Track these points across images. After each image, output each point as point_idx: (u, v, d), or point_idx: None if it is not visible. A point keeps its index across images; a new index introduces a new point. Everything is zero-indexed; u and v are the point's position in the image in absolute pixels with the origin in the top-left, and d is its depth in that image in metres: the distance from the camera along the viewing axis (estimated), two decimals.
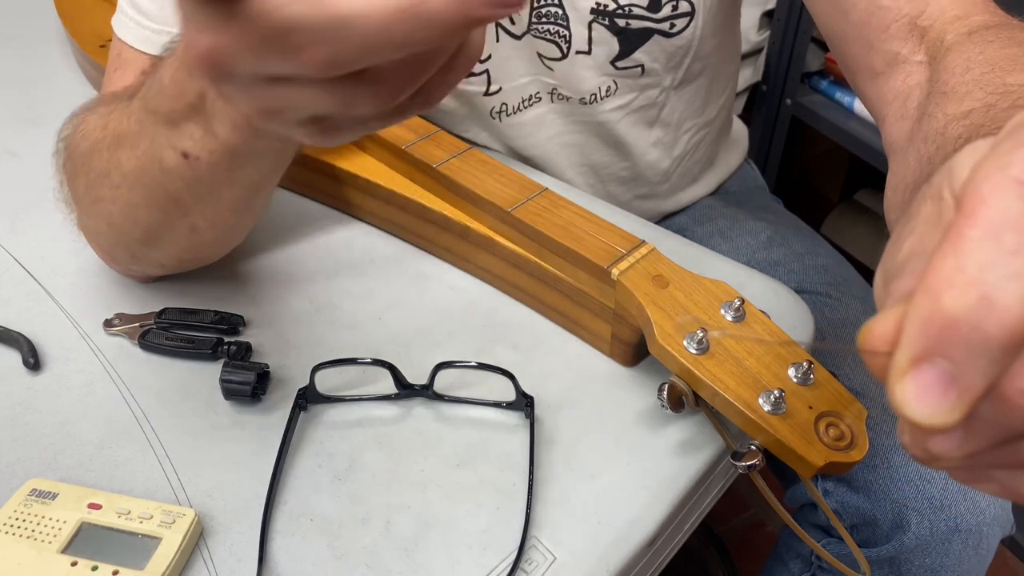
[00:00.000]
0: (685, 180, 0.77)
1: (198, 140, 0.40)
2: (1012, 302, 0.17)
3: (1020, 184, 0.18)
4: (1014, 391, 0.18)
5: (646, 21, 0.60)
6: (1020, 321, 0.17)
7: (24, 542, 0.39)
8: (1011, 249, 0.18)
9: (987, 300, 0.17)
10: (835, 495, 0.61)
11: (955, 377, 0.18)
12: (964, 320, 0.18)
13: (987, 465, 0.21)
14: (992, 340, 0.18)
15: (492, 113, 0.65)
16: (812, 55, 1.30)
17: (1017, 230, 0.18)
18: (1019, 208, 0.18)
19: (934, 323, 0.18)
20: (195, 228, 0.47)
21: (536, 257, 0.51)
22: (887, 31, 0.45)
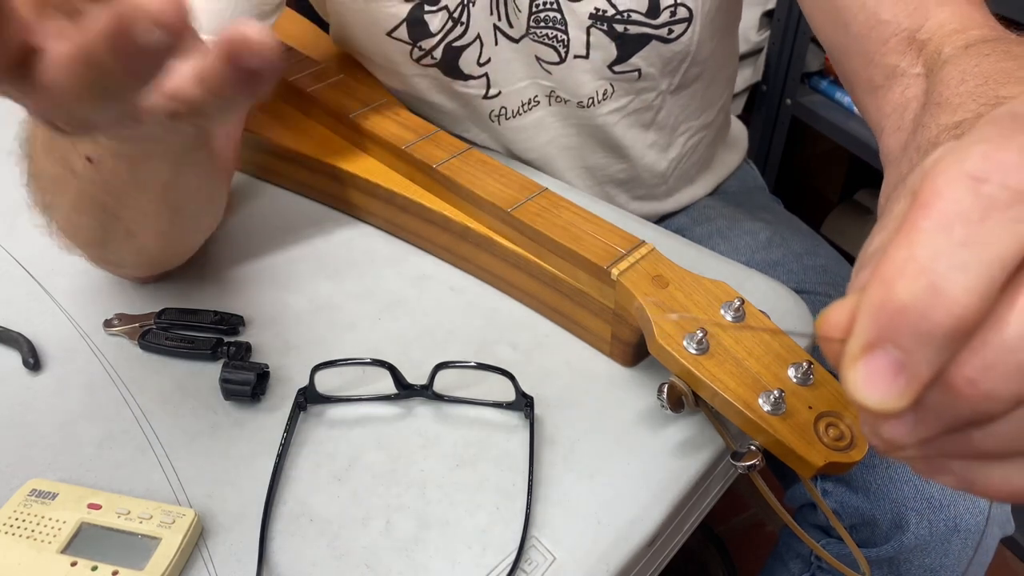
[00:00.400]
0: (682, 182, 0.77)
1: (88, 145, 0.40)
2: (959, 292, 0.18)
3: (973, 179, 0.18)
4: (960, 379, 0.19)
5: (644, 27, 0.60)
6: (966, 310, 0.18)
7: (24, 542, 0.39)
8: (960, 241, 0.18)
9: (935, 289, 0.18)
10: (834, 495, 0.61)
11: (904, 364, 0.19)
12: (913, 308, 0.18)
13: (942, 455, 0.21)
14: (939, 328, 0.18)
15: (491, 116, 0.66)
16: (812, 55, 1.30)
17: (967, 223, 0.18)
18: (970, 201, 0.18)
19: (885, 311, 0.19)
20: (131, 233, 0.46)
21: (536, 257, 0.51)
22: (886, 44, 0.45)
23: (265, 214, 0.62)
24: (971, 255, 0.18)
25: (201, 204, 0.49)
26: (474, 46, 0.61)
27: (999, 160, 0.18)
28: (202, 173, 0.46)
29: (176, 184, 0.44)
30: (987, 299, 0.18)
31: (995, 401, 0.19)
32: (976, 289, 0.18)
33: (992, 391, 0.19)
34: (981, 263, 0.18)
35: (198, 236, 0.54)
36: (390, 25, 0.60)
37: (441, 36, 0.60)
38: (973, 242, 0.18)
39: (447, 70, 0.63)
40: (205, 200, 0.49)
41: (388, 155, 0.59)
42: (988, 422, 0.20)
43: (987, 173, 0.18)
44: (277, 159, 0.63)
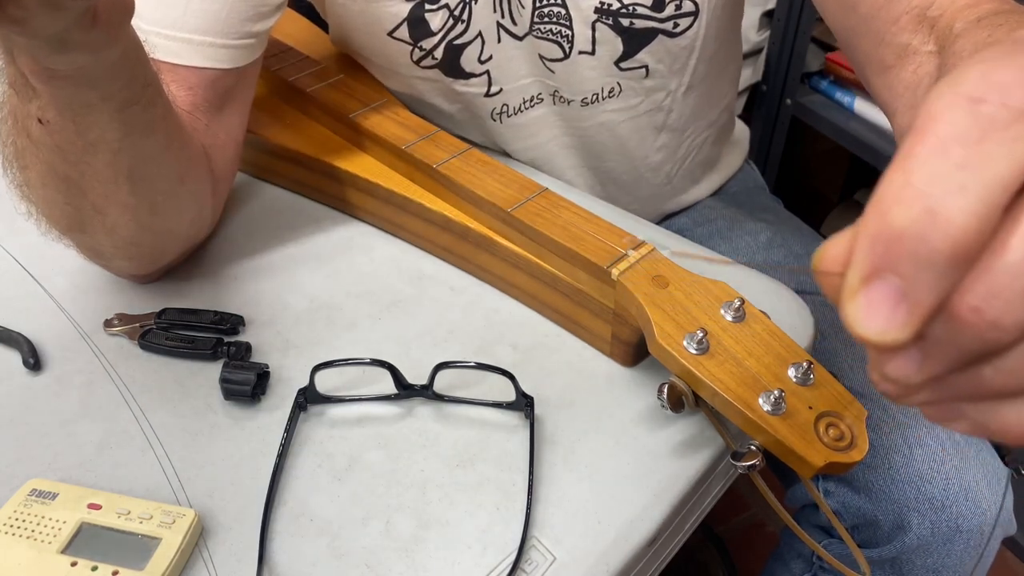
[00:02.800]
0: (687, 182, 0.77)
1: (36, 102, 0.40)
2: (956, 214, 0.17)
3: (971, 100, 0.18)
4: (964, 308, 0.18)
5: (650, 21, 0.60)
6: (965, 233, 0.17)
7: (24, 542, 0.39)
8: (958, 163, 0.18)
9: (932, 213, 0.17)
10: (836, 495, 0.61)
11: (904, 292, 0.18)
12: (910, 233, 0.18)
13: (954, 398, 0.21)
14: (938, 253, 0.17)
15: (493, 115, 0.65)
16: (812, 55, 1.30)
17: (965, 144, 0.18)
18: (968, 123, 0.18)
19: (882, 238, 0.18)
20: (98, 209, 0.46)
21: (536, 257, 0.51)
22: (897, 23, 0.45)
23: (265, 214, 0.62)
24: (969, 176, 0.17)
25: (165, 177, 0.48)
26: (475, 44, 0.61)
27: (997, 79, 0.18)
28: (154, 138, 0.45)
29: (127, 148, 0.43)
30: (987, 221, 0.17)
31: (1001, 330, 0.18)
32: (975, 211, 0.17)
33: (998, 319, 0.18)
34: (980, 184, 0.17)
35: (177, 221, 0.52)
36: (391, 25, 0.60)
37: (442, 35, 0.60)
38: (971, 163, 0.17)
39: (448, 70, 0.63)
40: (170, 174, 0.48)
41: (388, 155, 0.59)
42: (997, 356, 0.19)
43: (985, 93, 0.18)
44: (277, 159, 0.63)
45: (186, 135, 0.50)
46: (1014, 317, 0.18)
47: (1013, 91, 0.18)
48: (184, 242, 0.55)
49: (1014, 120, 0.17)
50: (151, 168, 0.46)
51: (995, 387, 0.19)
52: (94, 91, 0.40)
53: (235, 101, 0.55)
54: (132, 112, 0.42)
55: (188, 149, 0.50)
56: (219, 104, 0.53)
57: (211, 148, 0.53)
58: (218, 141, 0.53)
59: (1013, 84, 0.18)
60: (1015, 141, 0.17)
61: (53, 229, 0.49)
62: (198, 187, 0.53)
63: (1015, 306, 0.18)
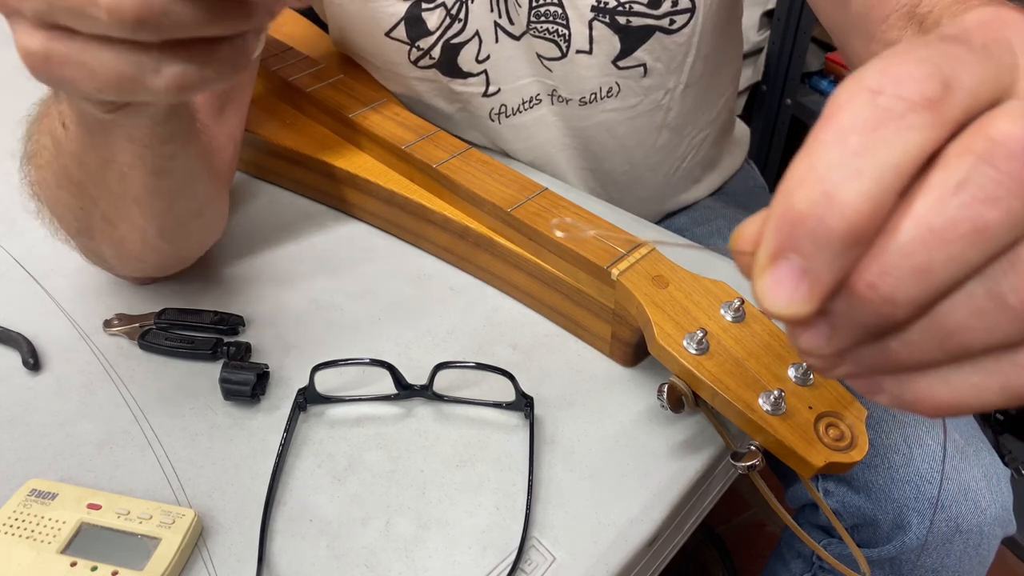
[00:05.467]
0: (687, 181, 0.77)
1: (64, 108, 0.40)
2: (852, 197, 0.18)
3: (870, 91, 0.19)
4: (861, 284, 0.19)
5: (647, 18, 0.60)
6: (859, 215, 0.18)
7: (24, 542, 0.39)
8: (855, 150, 0.19)
9: (829, 196, 0.19)
10: (836, 495, 0.61)
11: (806, 270, 0.19)
12: (810, 215, 0.19)
13: (870, 371, 0.22)
14: (835, 234, 0.19)
15: (491, 115, 0.65)
16: (812, 55, 1.30)
17: (862, 132, 0.19)
18: (867, 112, 0.19)
19: (786, 220, 0.19)
20: (108, 220, 0.46)
21: (536, 257, 0.51)
22: (887, 21, 0.45)
23: (265, 214, 0.62)
24: (864, 162, 0.19)
25: (180, 209, 0.48)
26: (472, 43, 0.61)
27: (895, 72, 0.19)
28: (170, 180, 0.45)
29: (140, 178, 0.43)
30: (881, 204, 0.19)
31: (895, 305, 0.19)
32: (869, 193, 0.18)
33: (891, 295, 0.19)
34: (874, 169, 0.19)
35: (186, 246, 0.53)
36: (388, 25, 0.60)
37: (439, 34, 0.60)
38: (866, 150, 0.19)
39: (446, 70, 0.62)
40: (184, 208, 0.48)
41: (388, 155, 0.59)
42: (899, 330, 0.20)
43: (883, 85, 0.19)
44: (277, 159, 0.63)
45: (212, 175, 0.49)
46: (907, 293, 0.19)
47: (908, 84, 0.19)
48: (190, 260, 0.55)
49: (908, 111, 0.19)
50: (163, 202, 0.46)
51: (902, 360, 0.21)
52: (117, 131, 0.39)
53: (234, 102, 0.55)
54: (148, 151, 0.41)
55: (211, 186, 0.50)
56: (219, 106, 0.53)
57: (211, 149, 0.53)
58: (218, 142, 0.53)
59: (908, 77, 0.19)
60: (908, 130, 0.19)
61: (62, 231, 0.49)
62: (214, 219, 0.53)
63: (906, 282, 0.19)
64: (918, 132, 0.19)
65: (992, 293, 0.19)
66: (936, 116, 0.19)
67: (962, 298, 0.19)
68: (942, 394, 0.21)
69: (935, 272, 0.19)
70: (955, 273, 0.19)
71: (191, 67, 0.29)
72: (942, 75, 0.19)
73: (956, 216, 0.18)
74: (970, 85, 0.19)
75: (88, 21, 0.27)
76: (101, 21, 0.27)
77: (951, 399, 0.21)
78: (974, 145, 0.18)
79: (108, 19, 0.27)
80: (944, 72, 0.19)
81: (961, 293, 0.19)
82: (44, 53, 0.29)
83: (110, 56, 0.28)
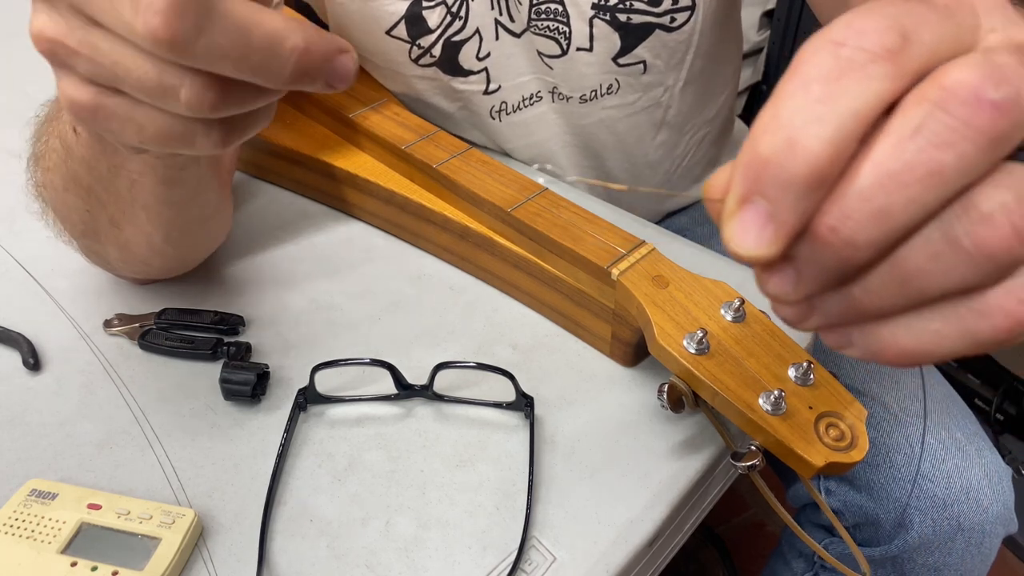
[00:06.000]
0: (686, 180, 0.77)
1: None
2: (813, 143, 0.19)
3: (834, 43, 0.20)
4: (823, 227, 0.20)
5: (647, 16, 0.60)
6: (819, 159, 0.19)
7: (24, 542, 0.39)
8: (817, 97, 0.19)
9: (792, 142, 0.19)
10: (837, 494, 0.61)
11: (771, 214, 0.20)
12: (774, 160, 0.20)
13: (838, 321, 0.23)
14: (797, 177, 0.19)
15: (492, 112, 0.65)
16: None
17: (825, 81, 0.20)
18: (830, 64, 0.20)
19: (752, 166, 0.20)
20: (115, 222, 0.46)
21: (536, 257, 0.51)
22: None
23: (265, 214, 0.62)
24: (825, 109, 0.19)
25: (186, 218, 0.48)
26: (473, 40, 0.61)
27: (858, 26, 0.20)
28: (180, 190, 0.45)
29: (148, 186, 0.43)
30: (841, 149, 0.19)
31: (855, 247, 0.20)
32: (830, 138, 0.19)
33: (851, 237, 0.20)
34: (834, 115, 0.19)
35: (191, 252, 0.53)
36: (389, 23, 0.60)
37: (440, 32, 0.60)
38: (827, 98, 0.19)
39: (446, 68, 0.63)
40: (192, 217, 0.48)
41: (388, 155, 0.59)
42: (862, 276, 0.21)
43: (846, 38, 0.20)
44: (276, 159, 0.63)
45: (220, 185, 0.49)
46: (866, 235, 0.20)
47: (870, 36, 0.20)
48: (193, 264, 0.55)
49: (869, 61, 0.20)
50: (172, 210, 0.46)
51: (865, 307, 0.22)
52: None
53: None
54: (160, 162, 0.41)
55: (219, 194, 0.50)
56: None
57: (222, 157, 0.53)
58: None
59: (870, 30, 0.20)
60: (867, 80, 0.19)
61: (66, 232, 0.49)
62: (219, 226, 0.53)
63: (866, 225, 0.20)
64: (878, 81, 0.20)
65: (947, 237, 0.20)
66: (895, 67, 0.20)
67: (919, 242, 0.20)
68: (905, 341, 0.22)
69: (893, 215, 0.19)
70: (912, 216, 0.20)
71: (235, 127, 0.30)
72: (902, 29, 0.20)
73: (912, 160, 0.19)
74: (930, 40, 0.20)
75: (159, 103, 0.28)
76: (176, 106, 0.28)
77: (914, 346, 0.22)
78: (929, 93, 0.19)
79: (186, 109, 0.27)
80: (905, 26, 0.20)
81: (918, 237, 0.20)
82: (94, 107, 0.29)
83: (164, 120, 0.29)
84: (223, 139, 0.30)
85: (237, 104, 0.28)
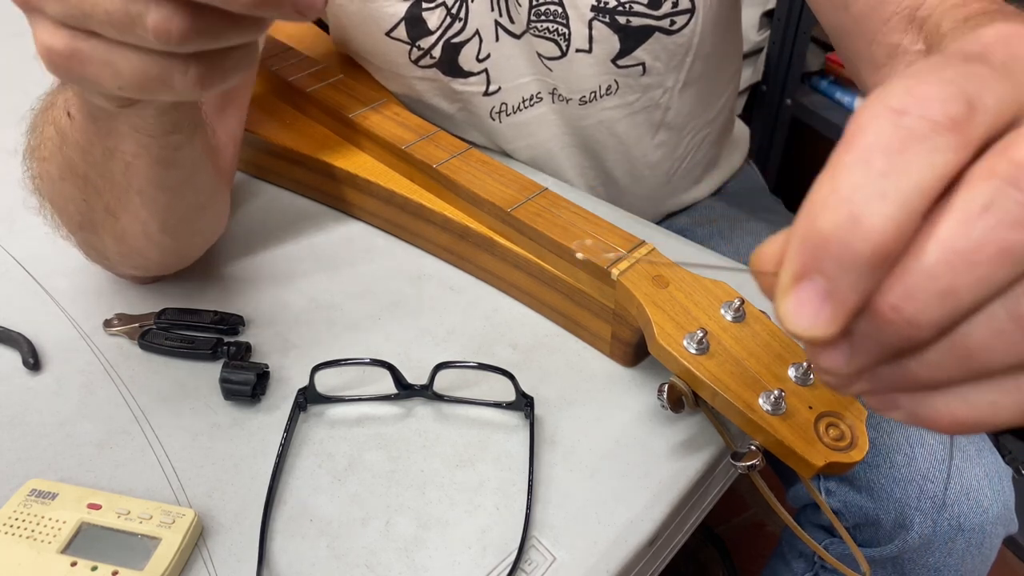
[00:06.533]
0: (687, 181, 0.77)
1: (71, 96, 0.40)
2: (877, 220, 0.19)
3: (895, 112, 0.19)
4: (885, 306, 0.19)
5: (647, 18, 0.60)
6: (884, 237, 0.19)
7: (24, 542, 0.39)
8: (880, 171, 0.19)
9: (855, 218, 0.19)
10: (838, 495, 0.61)
11: (830, 292, 0.19)
12: (835, 238, 0.19)
13: (888, 389, 0.22)
14: (860, 256, 0.19)
15: (492, 114, 0.65)
16: (812, 55, 1.30)
17: (887, 153, 0.19)
18: (891, 133, 0.19)
19: (810, 242, 0.19)
20: (111, 211, 0.46)
21: (536, 257, 0.51)
22: (887, 23, 0.46)
23: (265, 214, 0.62)
24: (889, 184, 0.19)
25: (182, 204, 0.48)
26: (473, 42, 0.61)
27: (920, 93, 0.19)
28: (175, 171, 0.44)
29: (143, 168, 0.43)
30: (906, 227, 0.19)
31: (918, 327, 0.19)
32: (894, 216, 0.19)
33: (914, 317, 0.19)
34: (899, 192, 0.19)
35: (188, 243, 0.52)
36: (388, 25, 0.60)
37: (440, 33, 0.60)
38: (891, 172, 0.19)
39: (446, 69, 0.63)
40: (188, 203, 0.48)
41: (388, 155, 0.59)
42: (919, 351, 0.20)
43: (907, 106, 0.19)
44: (277, 159, 0.63)
45: (215, 169, 0.49)
46: (929, 315, 0.19)
47: (933, 104, 0.19)
48: (191, 259, 0.55)
49: (932, 132, 0.19)
50: (167, 195, 0.46)
51: (921, 379, 0.21)
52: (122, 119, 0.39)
53: (234, 102, 0.55)
54: (153, 141, 0.41)
55: (214, 180, 0.50)
56: (221, 106, 0.54)
57: (216, 144, 0.53)
58: (219, 142, 0.53)
59: (933, 98, 0.19)
60: (933, 152, 0.19)
61: (63, 226, 0.49)
62: (216, 216, 0.53)
63: (931, 305, 0.19)
64: (943, 154, 0.19)
65: (1013, 314, 0.19)
66: (961, 137, 0.19)
67: (983, 319, 0.19)
68: (959, 411, 0.21)
69: (960, 295, 0.19)
70: (979, 296, 0.19)
71: (213, 67, 0.30)
72: (966, 95, 0.19)
73: (982, 239, 0.18)
74: (993, 105, 0.19)
75: (128, 36, 0.28)
76: (144, 37, 0.27)
77: (968, 416, 0.21)
78: (998, 167, 0.18)
79: (154, 37, 0.27)
80: (968, 92, 0.19)
81: (983, 314, 0.19)
82: (68, 52, 0.29)
83: (138, 58, 0.29)
84: (201, 78, 0.29)
85: (208, 34, 0.28)
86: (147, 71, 0.29)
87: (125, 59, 0.29)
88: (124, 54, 0.28)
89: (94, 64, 0.29)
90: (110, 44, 0.28)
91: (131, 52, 0.28)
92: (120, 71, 0.29)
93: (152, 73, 0.29)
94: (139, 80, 0.29)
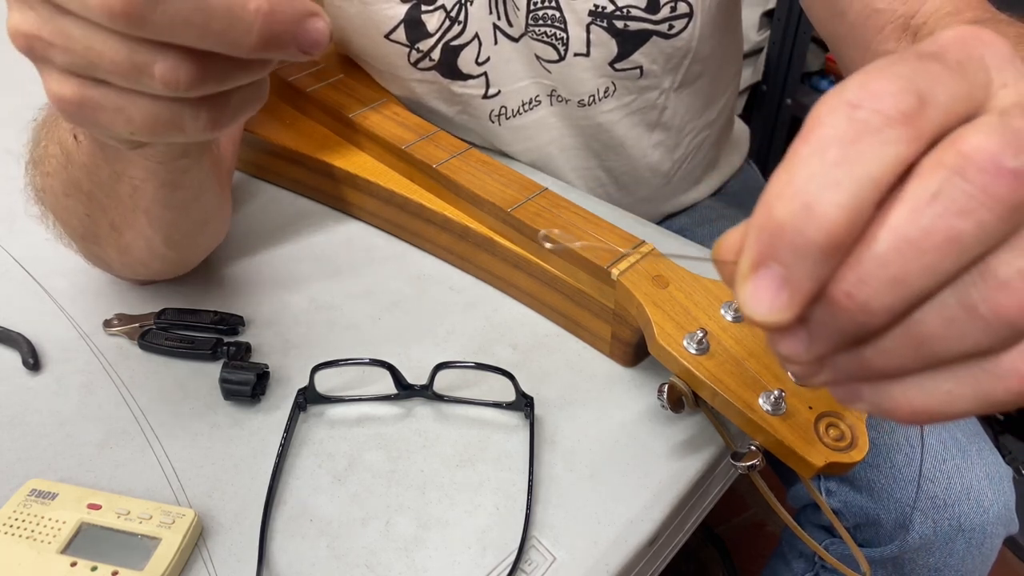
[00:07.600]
0: (687, 182, 0.76)
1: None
2: (830, 209, 0.19)
3: (849, 105, 0.20)
4: (839, 292, 0.20)
5: (644, 23, 0.60)
6: (836, 226, 0.19)
7: (24, 542, 0.39)
8: (833, 161, 0.19)
9: (808, 207, 0.19)
10: (838, 495, 0.61)
11: (786, 279, 0.20)
12: (789, 226, 0.19)
13: (848, 379, 0.23)
14: (813, 244, 0.19)
15: (491, 116, 0.65)
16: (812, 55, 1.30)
17: (841, 144, 0.19)
18: (845, 126, 0.19)
19: (766, 230, 0.20)
20: (115, 227, 0.46)
21: (536, 257, 0.51)
22: (882, 32, 0.46)
23: (265, 214, 0.62)
24: (842, 174, 0.19)
25: (187, 221, 0.48)
26: (472, 45, 0.61)
27: (873, 88, 0.20)
28: (181, 193, 0.45)
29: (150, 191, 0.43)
30: (858, 215, 0.19)
31: (871, 313, 0.20)
32: (847, 205, 0.19)
33: (867, 303, 0.20)
34: (851, 181, 0.19)
35: (191, 254, 0.53)
36: (387, 27, 0.60)
37: (439, 36, 0.60)
38: (844, 162, 0.19)
39: (446, 72, 0.63)
40: (192, 220, 0.48)
41: (388, 155, 0.59)
42: (875, 338, 0.21)
43: (861, 100, 0.19)
44: (276, 159, 0.63)
45: (221, 186, 0.49)
46: (882, 301, 0.20)
47: (885, 98, 0.19)
48: (193, 265, 0.55)
49: (884, 124, 0.19)
50: (173, 213, 0.46)
51: (877, 367, 0.21)
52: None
53: None
54: (162, 167, 0.41)
55: (219, 196, 0.50)
56: None
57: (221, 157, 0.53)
58: (218, 142, 0.54)
59: (885, 92, 0.19)
60: (884, 144, 0.19)
61: (66, 236, 0.49)
62: (219, 226, 0.53)
63: (881, 291, 0.19)
64: (894, 145, 0.19)
65: (963, 303, 0.20)
66: (911, 130, 0.19)
67: (935, 307, 0.20)
68: (917, 401, 0.22)
69: (910, 281, 0.19)
70: (929, 283, 0.19)
71: (223, 107, 0.30)
72: (918, 90, 0.19)
73: (930, 227, 0.19)
74: (945, 100, 0.20)
75: (136, 84, 0.28)
76: (152, 85, 0.27)
77: (926, 406, 0.22)
78: (947, 158, 0.19)
79: (162, 86, 0.27)
80: (920, 88, 0.20)
81: (934, 302, 0.20)
82: (78, 100, 0.29)
83: (149, 104, 0.29)
84: (212, 121, 0.30)
85: (216, 79, 0.28)
86: (158, 116, 0.29)
87: (136, 106, 0.29)
88: (135, 101, 0.29)
89: (106, 111, 0.29)
90: (120, 91, 0.29)
91: (141, 99, 0.29)
92: (132, 118, 0.29)
93: (163, 118, 0.29)
94: (151, 126, 0.29)
